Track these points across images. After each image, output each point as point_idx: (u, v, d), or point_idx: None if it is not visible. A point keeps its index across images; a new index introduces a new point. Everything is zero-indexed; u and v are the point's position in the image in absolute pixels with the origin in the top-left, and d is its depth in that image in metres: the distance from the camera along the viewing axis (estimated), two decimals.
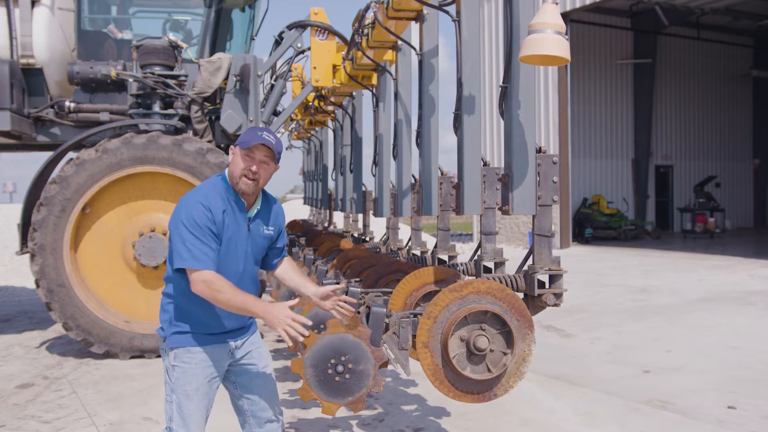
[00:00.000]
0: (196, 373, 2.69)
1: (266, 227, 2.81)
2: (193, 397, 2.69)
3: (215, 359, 2.73)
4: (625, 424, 4.43)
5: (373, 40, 4.28)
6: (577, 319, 7.99)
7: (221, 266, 2.63)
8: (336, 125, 7.64)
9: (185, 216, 2.58)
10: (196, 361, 2.69)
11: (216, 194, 2.66)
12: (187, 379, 2.69)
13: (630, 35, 21.57)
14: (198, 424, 2.72)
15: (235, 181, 2.68)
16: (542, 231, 2.83)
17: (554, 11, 2.36)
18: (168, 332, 2.72)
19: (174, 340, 2.70)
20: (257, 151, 2.66)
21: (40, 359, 6.60)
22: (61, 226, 6.27)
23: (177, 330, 2.70)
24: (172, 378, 2.71)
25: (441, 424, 4.47)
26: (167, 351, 2.73)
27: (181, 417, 2.70)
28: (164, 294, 2.76)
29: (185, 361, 2.69)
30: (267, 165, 2.70)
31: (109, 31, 7.33)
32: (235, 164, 2.68)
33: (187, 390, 2.69)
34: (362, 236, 6.67)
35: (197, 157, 6.38)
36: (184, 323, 2.69)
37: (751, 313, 8.23)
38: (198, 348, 2.69)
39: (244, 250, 2.72)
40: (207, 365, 2.71)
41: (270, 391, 2.90)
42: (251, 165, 2.65)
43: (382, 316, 2.83)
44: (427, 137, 3.69)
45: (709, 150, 24.16)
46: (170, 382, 2.73)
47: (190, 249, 2.54)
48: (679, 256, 15.22)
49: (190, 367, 2.69)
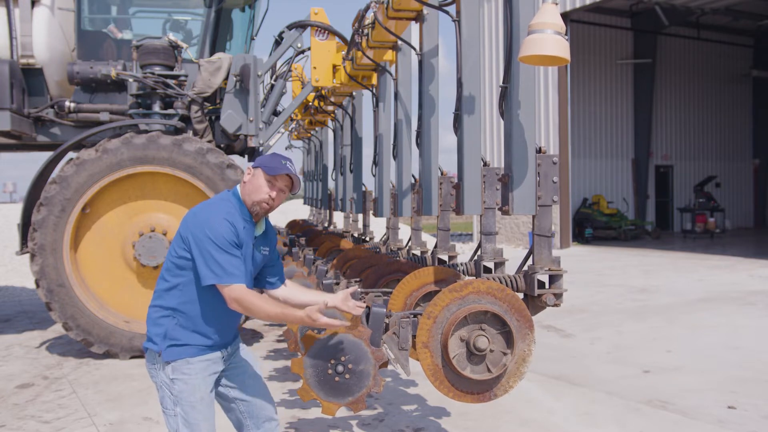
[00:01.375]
0: (197, 383, 2.66)
1: (264, 247, 2.83)
2: (198, 407, 2.67)
3: (212, 367, 2.72)
4: (625, 424, 4.43)
5: (373, 40, 4.29)
6: (577, 319, 7.99)
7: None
8: (336, 125, 7.64)
9: (213, 233, 2.55)
10: (196, 371, 2.66)
11: (235, 211, 2.67)
12: (190, 390, 2.65)
13: (630, 35, 21.57)
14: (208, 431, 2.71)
15: (253, 203, 2.69)
16: (542, 231, 2.83)
17: (554, 11, 2.36)
18: (163, 346, 2.65)
19: (171, 353, 2.64)
20: (280, 180, 2.70)
21: (40, 359, 6.60)
22: (61, 226, 6.27)
23: (174, 343, 2.65)
24: (174, 391, 2.66)
25: (441, 424, 4.47)
26: (162, 365, 2.67)
27: (188, 428, 2.67)
28: (157, 307, 2.70)
29: (185, 372, 2.65)
30: (283, 194, 2.74)
31: (109, 31, 7.33)
32: (259, 188, 2.68)
33: (192, 401, 2.65)
34: (362, 236, 6.67)
35: (197, 157, 6.38)
36: (182, 337, 2.65)
37: (751, 313, 8.23)
38: (196, 358, 2.66)
39: (249, 269, 2.72)
40: (206, 374, 2.70)
41: (264, 390, 2.92)
42: (271, 192, 2.68)
43: (382, 316, 2.83)
44: (427, 137, 3.69)
45: (709, 150, 24.16)
46: (172, 396, 2.67)
47: (222, 266, 2.53)
48: (679, 256, 15.22)
49: (191, 378, 2.65)
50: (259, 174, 2.70)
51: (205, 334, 2.67)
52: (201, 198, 6.53)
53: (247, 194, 2.71)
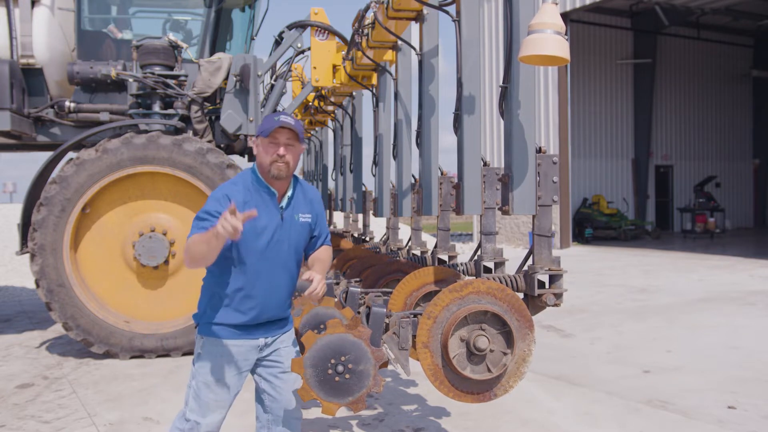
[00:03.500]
0: (220, 365, 2.73)
1: (302, 214, 2.84)
2: (213, 388, 2.74)
3: (243, 354, 2.77)
4: (625, 424, 4.43)
5: (373, 40, 4.28)
6: (577, 319, 7.99)
7: (256, 257, 2.69)
8: (336, 125, 7.64)
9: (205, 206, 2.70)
10: (223, 354, 2.73)
11: (240, 185, 2.73)
12: (209, 369, 2.73)
13: (630, 35, 21.57)
14: (215, 414, 2.76)
15: (266, 169, 2.72)
16: (542, 231, 2.83)
17: (554, 11, 2.36)
18: (201, 320, 2.78)
19: (205, 329, 2.76)
20: (280, 136, 2.70)
21: (40, 359, 6.60)
22: (61, 226, 6.27)
23: (209, 320, 2.75)
24: (196, 365, 2.77)
25: (441, 424, 4.47)
26: (198, 337, 2.79)
27: (197, 404, 2.75)
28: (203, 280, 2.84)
29: (211, 352, 2.74)
30: (293, 147, 2.73)
31: (109, 31, 7.33)
32: (262, 155, 2.73)
33: (208, 380, 2.74)
34: (362, 236, 6.67)
35: (197, 157, 6.38)
36: (214, 312, 2.74)
37: (751, 313, 8.23)
38: (227, 341, 2.73)
39: (278, 239, 2.75)
40: (234, 359, 2.75)
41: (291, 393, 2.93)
42: (278, 150, 2.69)
43: (382, 316, 2.83)
44: (427, 137, 3.69)
45: (709, 150, 24.16)
46: (193, 368, 2.78)
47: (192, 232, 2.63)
48: (679, 256, 15.22)
49: (215, 359, 2.74)
50: (259, 141, 2.74)
51: (241, 310, 2.72)
52: (201, 198, 6.53)
53: (260, 165, 2.76)
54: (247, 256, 2.70)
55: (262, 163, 2.73)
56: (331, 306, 3.37)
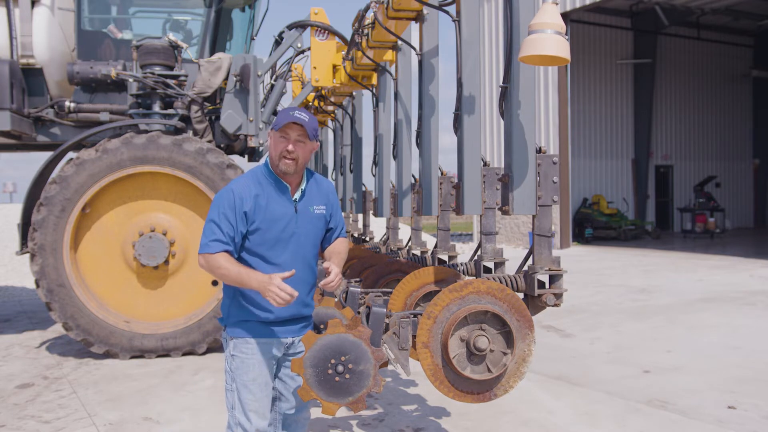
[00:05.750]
0: (253, 363, 2.76)
1: (316, 206, 2.85)
2: (250, 388, 2.76)
3: (271, 351, 2.80)
4: (625, 424, 4.43)
5: (373, 40, 4.28)
6: (577, 319, 7.99)
7: (268, 249, 2.71)
8: (336, 125, 7.64)
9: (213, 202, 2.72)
10: (254, 351, 2.76)
11: (252, 179, 2.75)
12: (245, 369, 2.76)
13: (630, 35, 21.56)
14: (257, 413, 2.78)
15: (276, 163, 2.74)
16: (542, 231, 2.83)
17: (554, 11, 2.36)
18: (228, 321, 2.80)
19: (233, 330, 2.78)
20: (291, 131, 2.71)
21: (40, 359, 6.60)
22: (61, 226, 6.27)
23: (236, 319, 2.77)
24: (232, 367, 2.79)
25: (441, 424, 4.47)
26: (227, 339, 2.81)
27: (241, 406, 2.77)
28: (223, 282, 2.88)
29: (243, 351, 2.76)
30: (303, 143, 2.74)
31: (109, 31, 7.33)
32: (272, 148, 2.74)
33: (245, 380, 2.76)
34: (362, 236, 6.67)
35: (197, 157, 6.38)
36: (239, 311, 2.76)
37: (751, 313, 8.23)
38: (255, 339, 2.76)
39: (291, 232, 2.76)
40: (264, 357, 2.77)
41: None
42: (287, 145, 2.70)
43: (382, 316, 2.83)
44: (427, 137, 3.69)
45: (709, 150, 24.16)
46: (230, 372, 2.80)
47: (205, 234, 2.67)
48: (679, 256, 15.22)
49: (248, 358, 2.76)
50: (271, 135, 2.76)
51: (265, 307, 2.73)
52: (201, 198, 6.54)
53: (270, 158, 2.78)
54: (266, 251, 2.72)
55: (272, 156, 2.76)
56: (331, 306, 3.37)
